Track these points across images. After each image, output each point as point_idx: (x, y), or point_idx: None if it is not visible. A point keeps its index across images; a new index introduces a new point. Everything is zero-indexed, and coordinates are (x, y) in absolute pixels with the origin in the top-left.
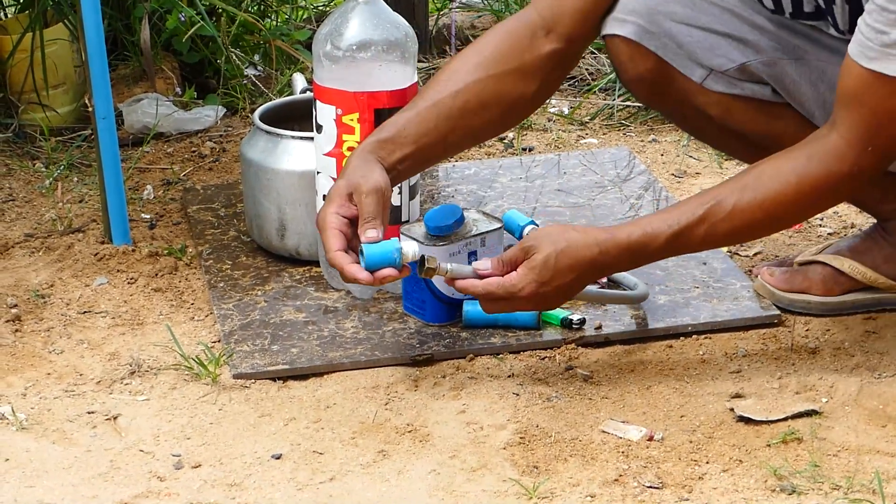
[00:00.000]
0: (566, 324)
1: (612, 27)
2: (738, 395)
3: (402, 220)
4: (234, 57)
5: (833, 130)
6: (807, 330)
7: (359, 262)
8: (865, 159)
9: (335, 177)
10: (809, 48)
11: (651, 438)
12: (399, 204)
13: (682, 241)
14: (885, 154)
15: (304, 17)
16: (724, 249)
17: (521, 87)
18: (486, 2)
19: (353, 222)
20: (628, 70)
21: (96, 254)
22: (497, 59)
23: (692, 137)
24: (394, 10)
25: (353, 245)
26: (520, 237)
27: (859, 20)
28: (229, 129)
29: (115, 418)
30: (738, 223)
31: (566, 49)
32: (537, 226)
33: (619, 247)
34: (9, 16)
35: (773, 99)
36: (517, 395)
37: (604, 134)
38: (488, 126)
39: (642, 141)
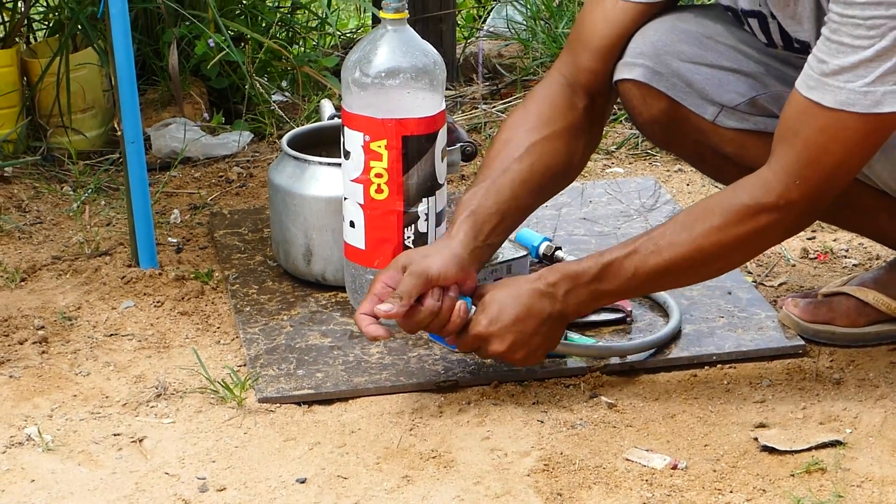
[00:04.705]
0: None
1: (621, 72)
2: (762, 425)
3: None
4: (258, 85)
5: (767, 163)
6: (831, 361)
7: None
8: (793, 193)
9: (362, 203)
10: None
11: (675, 467)
12: (426, 231)
13: (613, 273)
14: (817, 191)
15: (332, 43)
16: (749, 279)
17: (574, 145)
18: (513, 31)
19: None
20: (642, 113)
21: (123, 277)
22: (545, 122)
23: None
24: (422, 38)
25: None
26: (536, 255)
27: (811, 53)
28: (256, 154)
29: (140, 440)
30: (668, 256)
31: (593, 104)
32: (551, 241)
33: (557, 273)
34: (39, 40)
35: None
36: (541, 422)
37: (630, 163)
38: (551, 186)
39: (668, 170)
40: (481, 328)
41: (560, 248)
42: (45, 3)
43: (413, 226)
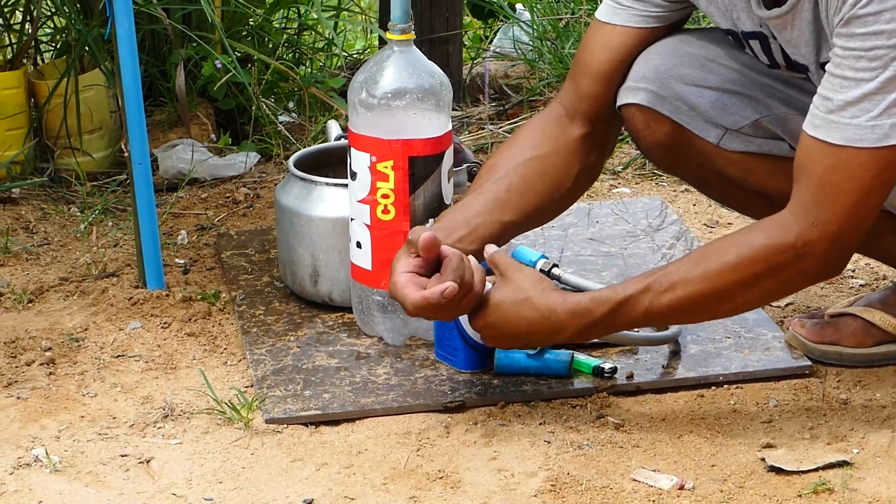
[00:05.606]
0: (598, 372)
1: (624, 97)
2: (769, 445)
3: None
4: (264, 106)
5: (787, 206)
6: (838, 381)
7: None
8: (810, 234)
9: (369, 224)
10: None
11: (682, 487)
12: None
13: (627, 310)
14: (836, 232)
15: (338, 64)
16: None
17: (563, 168)
18: (519, 51)
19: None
20: (646, 137)
21: (130, 298)
22: (532, 145)
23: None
24: (429, 59)
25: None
26: None
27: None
28: (263, 175)
29: (147, 461)
30: (681, 294)
31: (594, 131)
32: (548, 258)
33: (567, 312)
34: (46, 61)
35: (791, 154)
36: (548, 442)
37: (636, 183)
38: (541, 206)
39: (674, 190)
40: (476, 325)
41: (556, 266)
42: (52, 25)
43: None
